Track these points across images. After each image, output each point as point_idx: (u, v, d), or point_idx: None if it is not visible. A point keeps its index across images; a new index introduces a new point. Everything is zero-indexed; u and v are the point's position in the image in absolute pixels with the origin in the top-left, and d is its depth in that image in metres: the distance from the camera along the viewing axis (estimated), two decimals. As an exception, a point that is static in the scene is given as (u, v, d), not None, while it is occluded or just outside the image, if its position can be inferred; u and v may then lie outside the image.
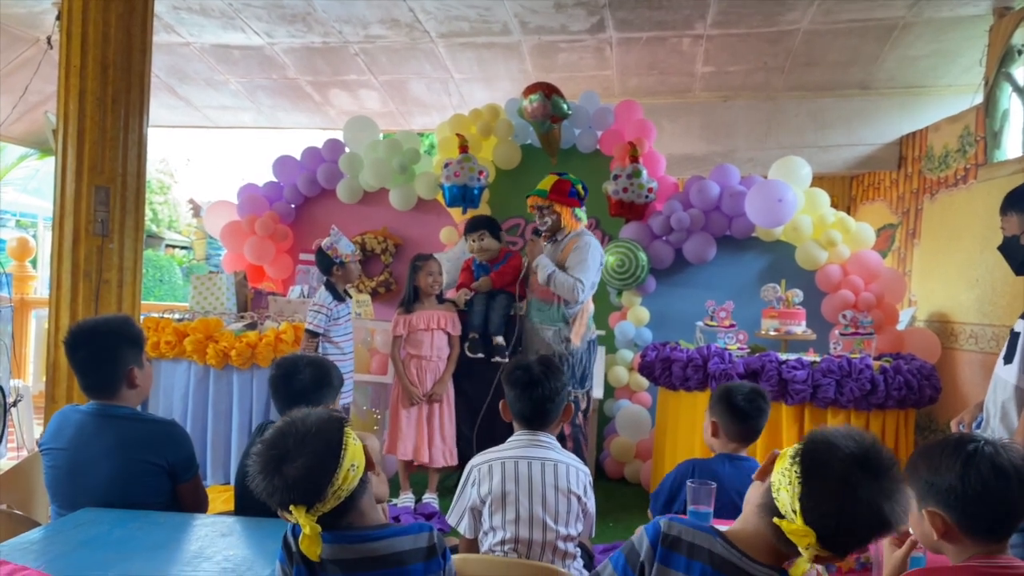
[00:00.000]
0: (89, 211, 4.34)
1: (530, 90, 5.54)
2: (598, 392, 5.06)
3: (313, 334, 4.36)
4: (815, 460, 1.43)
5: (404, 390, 4.59)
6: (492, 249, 4.84)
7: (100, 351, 2.41)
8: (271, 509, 1.62)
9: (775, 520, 1.46)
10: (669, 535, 1.57)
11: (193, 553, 1.97)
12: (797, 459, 1.45)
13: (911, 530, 1.75)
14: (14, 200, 12.18)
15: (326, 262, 4.49)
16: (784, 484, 1.45)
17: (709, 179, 5.62)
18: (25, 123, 7.46)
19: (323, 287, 4.53)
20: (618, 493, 5.14)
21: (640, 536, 1.61)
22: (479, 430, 4.66)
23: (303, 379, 2.62)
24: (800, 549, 1.41)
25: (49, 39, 6.20)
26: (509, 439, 2.57)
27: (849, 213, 7.22)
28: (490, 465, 2.47)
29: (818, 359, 4.34)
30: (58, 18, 5.59)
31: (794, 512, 1.42)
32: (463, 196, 5.56)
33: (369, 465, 1.67)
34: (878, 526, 1.41)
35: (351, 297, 4.74)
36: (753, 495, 1.57)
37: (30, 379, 7.20)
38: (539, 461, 2.45)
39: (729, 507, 2.48)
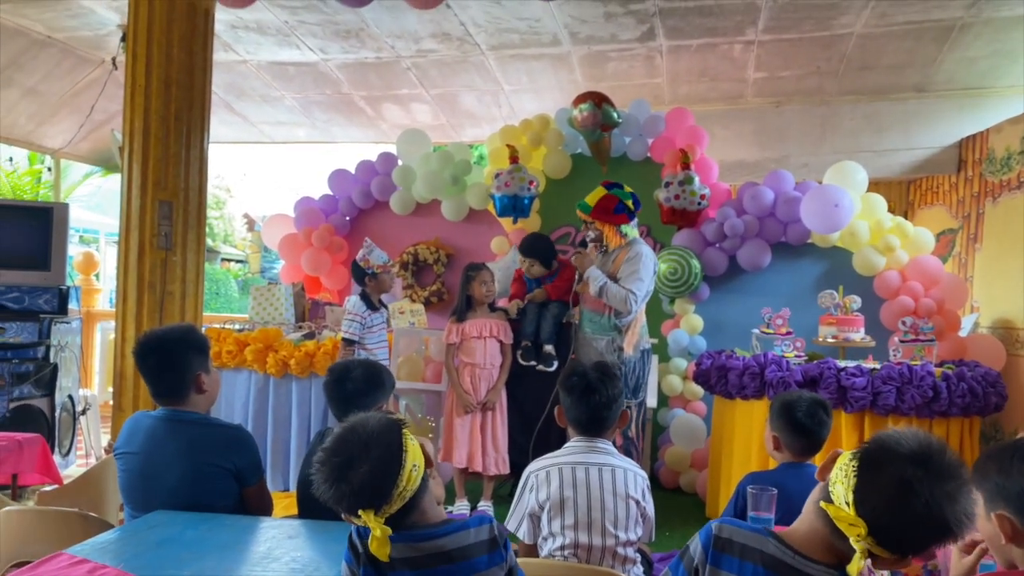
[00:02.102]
0: (153, 225, 4.47)
1: (580, 99, 5.55)
2: (652, 401, 5.02)
3: (349, 342, 4.52)
4: (874, 455, 1.43)
5: (458, 398, 4.64)
6: (542, 273, 4.91)
7: (168, 359, 2.49)
8: (334, 514, 1.65)
9: (822, 504, 1.44)
10: (721, 537, 1.58)
11: (262, 554, 2.03)
12: (857, 454, 1.44)
13: (979, 533, 1.71)
14: (78, 216, 12.59)
15: (359, 273, 4.68)
16: (840, 477, 1.44)
17: (763, 185, 5.56)
18: (91, 141, 7.74)
19: (357, 296, 4.69)
20: (673, 503, 5.09)
21: (694, 541, 1.63)
22: (532, 438, 4.66)
23: (355, 382, 2.68)
24: (852, 542, 1.39)
25: (114, 60, 6.42)
26: (565, 445, 2.58)
27: (907, 218, 7.05)
28: (547, 471, 2.48)
29: (878, 366, 4.26)
30: (123, 40, 5.82)
31: (847, 504, 1.40)
32: (514, 206, 5.59)
33: (428, 463, 1.70)
34: (938, 529, 1.38)
35: (385, 307, 4.87)
36: (813, 495, 1.56)
37: (96, 388, 7.43)
38: (596, 466, 2.46)
39: (796, 515, 2.44)
